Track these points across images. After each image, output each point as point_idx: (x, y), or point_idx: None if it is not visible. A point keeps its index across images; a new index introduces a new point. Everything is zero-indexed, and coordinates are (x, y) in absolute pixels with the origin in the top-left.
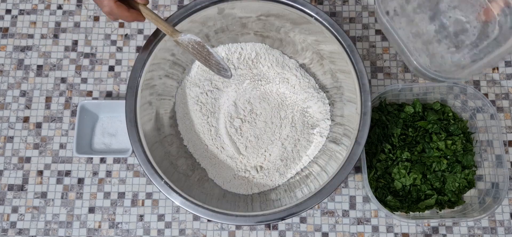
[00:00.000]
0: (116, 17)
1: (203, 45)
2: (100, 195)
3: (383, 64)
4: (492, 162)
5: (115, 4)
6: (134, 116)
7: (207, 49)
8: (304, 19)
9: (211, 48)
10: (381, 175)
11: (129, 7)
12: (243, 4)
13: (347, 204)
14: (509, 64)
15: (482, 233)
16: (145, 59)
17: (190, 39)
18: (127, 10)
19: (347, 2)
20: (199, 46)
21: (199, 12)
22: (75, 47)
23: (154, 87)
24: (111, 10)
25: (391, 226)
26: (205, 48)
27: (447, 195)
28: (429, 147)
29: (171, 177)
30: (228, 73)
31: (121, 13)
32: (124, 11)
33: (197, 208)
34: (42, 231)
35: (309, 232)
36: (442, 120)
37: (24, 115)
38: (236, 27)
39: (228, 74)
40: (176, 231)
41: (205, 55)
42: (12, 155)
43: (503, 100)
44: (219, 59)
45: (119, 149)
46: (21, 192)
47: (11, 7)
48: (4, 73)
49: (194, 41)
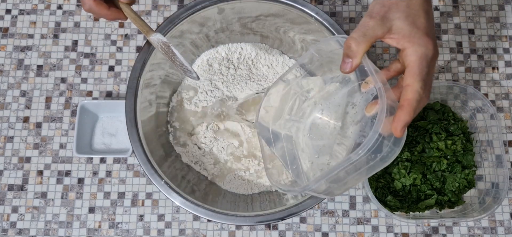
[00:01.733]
0: (96, 15)
1: (168, 45)
2: (100, 195)
3: (383, 64)
4: (492, 162)
5: (94, 2)
6: (134, 116)
7: (171, 50)
8: (304, 19)
9: (175, 49)
10: (381, 175)
11: (110, 5)
12: (243, 4)
13: (347, 204)
14: (509, 64)
15: (482, 233)
16: (145, 59)
17: (159, 39)
18: (106, 8)
19: (347, 2)
20: (165, 47)
21: (199, 12)
22: (75, 47)
23: (154, 87)
24: (91, 8)
25: (391, 226)
26: (170, 48)
27: (447, 195)
28: (429, 147)
29: (171, 177)
30: (193, 75)
31: (100, 11)
32: (103, 9)
33: (197, 208)
34: (42, 231)
35: (309, 232)
36: (442, 120)
37: (24, 115)
38: (236, 27)
39: (193, 75)
40: (176, 231)
41: (171, 55)
42: (12, 155)
43: (503, 100)
44: (182, 60)
45: (119, 149)
46: (21, 192)
47: (11, 7)
48: (4, 73)
49: (162, 41)
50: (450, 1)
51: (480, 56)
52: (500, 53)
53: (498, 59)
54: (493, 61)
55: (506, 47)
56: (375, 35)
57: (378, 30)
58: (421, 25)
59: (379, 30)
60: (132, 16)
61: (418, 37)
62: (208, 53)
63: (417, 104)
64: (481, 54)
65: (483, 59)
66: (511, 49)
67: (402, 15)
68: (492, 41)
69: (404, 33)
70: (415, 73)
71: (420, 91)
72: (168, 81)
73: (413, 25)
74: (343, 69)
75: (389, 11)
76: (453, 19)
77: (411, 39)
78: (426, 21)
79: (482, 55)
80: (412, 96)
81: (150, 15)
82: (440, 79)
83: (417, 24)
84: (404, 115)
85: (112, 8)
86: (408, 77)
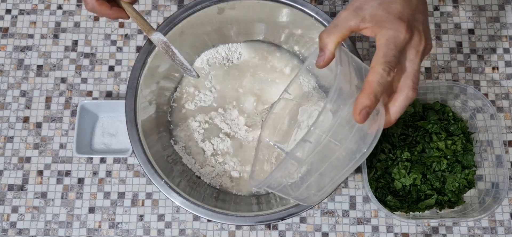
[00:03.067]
0: (99, 14)
1: (168, 45)
2: (100, 195)
3: None
4: (492, 162)
5: (97, 2)
6: (134, 116)
7: (171, 49)
8: (304, 19)
9: (175, 48)
10: (381, 175)
11: (112, 4)
12: (243, 4)
13: (347, 204)
14: (509, 64)
15: (482, 233)
16: (145, 59)
17: (159, 38)
18: (109, 8)
19: (347, 2)
20: (166, 46)
21: (199, 12)
22: (75, 47)
23: (154, 87)
24: (93, 7)
25: (391, 226)
26: (170, 48)
27: (447, 195)
28: (429, 147)
29: (171, 177)
30: (193, 73)
31: (103, 11)
32: (106, 9)
33: (197, 208)
34: (42, 231)
35: (309, 232)
36: (442, 120)
37: (24, 115)
38: (236, 27)
39: (193, 74)
40: (176, 231)
41: (171, 54)
42: (12, 155)
43: (503, 100)
44: (182, 59)
45: (119, 149)
46: (21, 192)
47: (11, 7)
48: (4, 73)
49: (162, 40)
50: (450, 1)
51: (480, 56)
52: (500, 53)
53: (498, 59)
54: (493, 61)
55: (506, 47)
56: (348, 25)
57: (351, 20)
58: (395, 10)
59: (352, 20)
60: (134, 15)
61: (389, 21)
62: (208, 53)
63: (378, 87)
64: (481, 54)
65: (483, 59)
66: (511, 49)
67: (376, 3)
68: (492, 41)
69: (377, 20)
70: (379, 56)
71: (383, 73)
72: (168, 81)
73: (386, 11)
74: (317, 63)
75: (365, 2)
76: (453, 19)
77: (382, 24)
78: (401, 7)
79: (482, 55)
80: (372, 78)
81: (150, 15)
82: (440, 79)
83: (390, 9)
84: (363, 97)
85: (114, 7)
86: (373, 61)
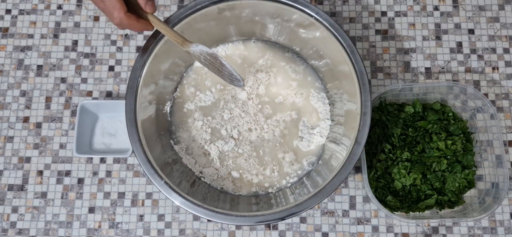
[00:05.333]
0: (126, 27)
1: (215, 56)
2: (100, 195)
3: (383, 64)
4: (492, 162)
5: (125, 15)
6: (134, 116)
7: (219, 61)
8: (304, 19)
9: (223, 59)
10: (381, 175)
11: (138, 17)
12: (243, 4)
13: (347, 204)
14: (509, 64)
15: (482, 233)
16: (145, 59)
17: (202, 50)
18: (136, 21)
19: (347, 2)
20: (211, 58)
21: (199, 12)
22: (75, 47)
23: (154, 87)
24: (121, 21)
25: (391, 226)
26: (217, 59)
27: (447, 195)
28: (429, 147)
29: (171, 177)
30: (241, 83)
31: (131, 24)
32: (134, 22)
33: (197, 208)
34: (42, 231)
35: (309, 232)
36: (442, 120)
37: (24, 115)
38: (236, 27)
39: (240, 83)
40: (176, 231)
41: (218, 66)
42: (12, 155)
43: (503, 100)
44: (231, 70)
45: (119, 149)
46: (21, 192)
47: (11, 7)
48: (4, 73)
49: (206, 52)
50: (450, 1)
51: (480, 56)
52: (500, 53)
53: (498, 59)
54: (493, 61)
55: (506, 47)
56: None
57: None
58: None
59: None
60: (162, 27)
61: None
62: None
63: None
64: (481, 54)
65: (483, 59)
66: (511, 49)
67: None
68: (492, 41)
69: None
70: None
71: None
72: (168, 81)
73: None
74: None
75: None
76: (453, 19)
77: None
78: None
79: (482, 55)
80: None
81: None
82: (440, 79)
83: None
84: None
85: (141, 20)
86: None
